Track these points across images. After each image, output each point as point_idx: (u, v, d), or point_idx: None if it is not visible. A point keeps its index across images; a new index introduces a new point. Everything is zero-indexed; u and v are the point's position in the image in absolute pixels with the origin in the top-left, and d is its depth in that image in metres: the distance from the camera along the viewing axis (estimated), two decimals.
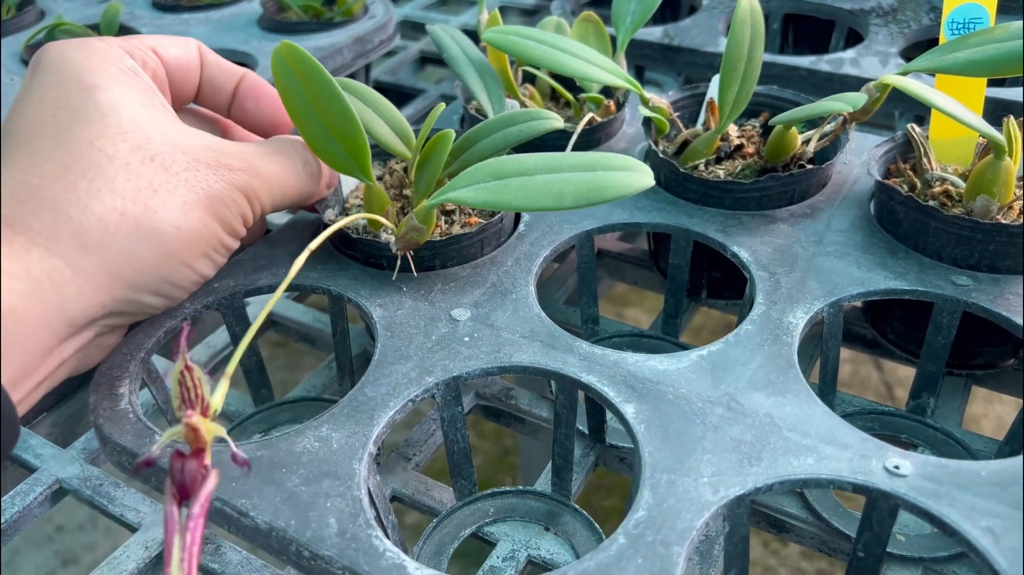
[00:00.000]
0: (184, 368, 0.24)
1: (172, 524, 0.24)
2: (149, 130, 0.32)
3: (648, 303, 1.29)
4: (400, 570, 0.26)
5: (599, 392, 0.32)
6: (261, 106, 0.39)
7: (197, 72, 0.39)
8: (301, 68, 0.35)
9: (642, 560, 0.26)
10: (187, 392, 0.25)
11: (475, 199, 0.33)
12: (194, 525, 0.23)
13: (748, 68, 0.41)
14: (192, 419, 0.24)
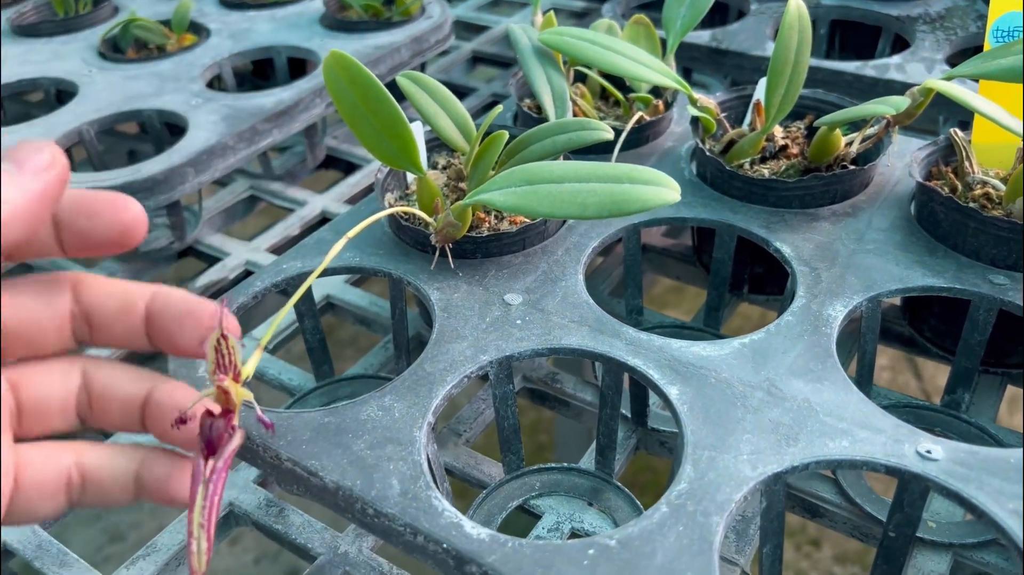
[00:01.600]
0: (220, 336, 0.26)
1: (198, 475, 0.26)
2: None
3: (686, 304, 1.30)
4: (458, 528, 0.28)
5: (644, 374, 0.34)
6: (100, 218, 0.28)
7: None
8: (349, 74, 0.37)
9: (683, 528, 0.28)
10: (221, 358, 0.27)
11: (504, 202, 0.35)
12: (217, 477, 0.26)
13: (795, 71, 0.42)
14: (224, 383, 0.26)
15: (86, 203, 0.28)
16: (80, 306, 0.29)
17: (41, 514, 0.29)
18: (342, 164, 0.66)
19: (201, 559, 0.25)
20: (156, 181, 0.48)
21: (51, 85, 0.61)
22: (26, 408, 0.28)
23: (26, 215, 0.25)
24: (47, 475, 0.28)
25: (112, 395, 0.29)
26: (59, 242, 0.28)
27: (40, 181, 0.26)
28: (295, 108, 0.55)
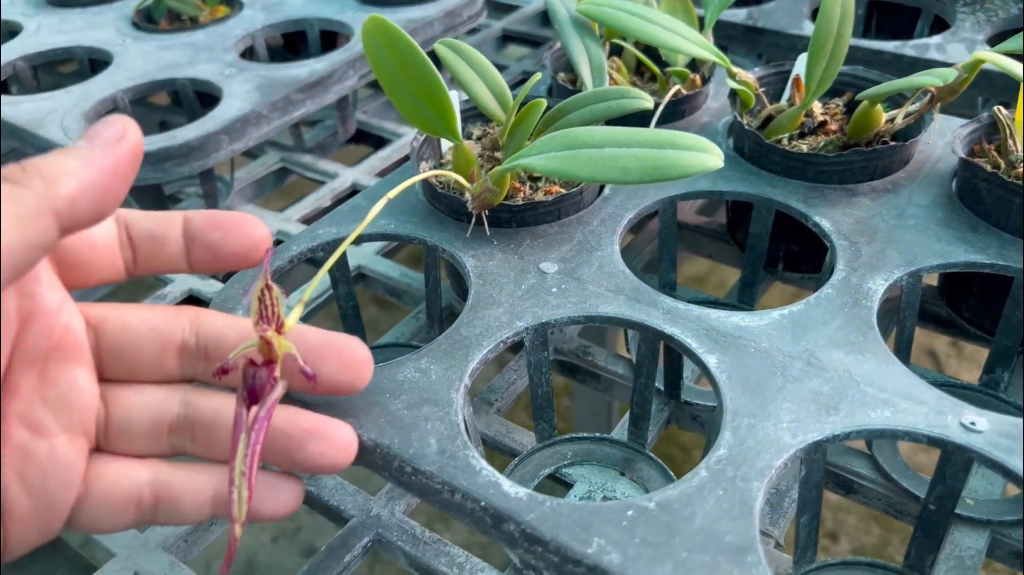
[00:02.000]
0: (264, 287, 0.26)
1: (240, 424, 0.26)
2: None
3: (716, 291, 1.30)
4: (495, 487, 0.28)
5: (682, 343, 0.33)
6: (231, 234, 0.30)
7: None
8: (389, 39, 0.37)
9: (723, 492, 0.27)
10: (265, 309, 0.27)
11: (544, 167, 0.35)
12: (258, 426, 0.26)
13: (836, 46, 0.42)
14: (267, 333, 0.26)
15: (218, 220, 0.30)
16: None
17: (105, 526, 0.29)
18: (372, 139, 0.66)
19: (242, 508, 0.25)
20: (191, 147, 0.48)
21: (85, 54, 0.62)
22: (112, 424, 0.29)
23: (96, 189, 0.25)
24: (118, 490, 0.29)
25: (221, 422, 0.29)
26: (187, 257, 0.30)
27: (110, 154, 0.26)
28: (328, 79, 0.55)
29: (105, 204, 0.26)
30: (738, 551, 0.26)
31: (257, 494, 0.29)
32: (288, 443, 0.28)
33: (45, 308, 0.27)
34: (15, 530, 0.27)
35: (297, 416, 0.28)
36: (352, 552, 0.34)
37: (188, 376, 0.30)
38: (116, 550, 0.35)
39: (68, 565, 0.36)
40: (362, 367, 0.29)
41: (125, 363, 0.29)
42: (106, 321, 0.29)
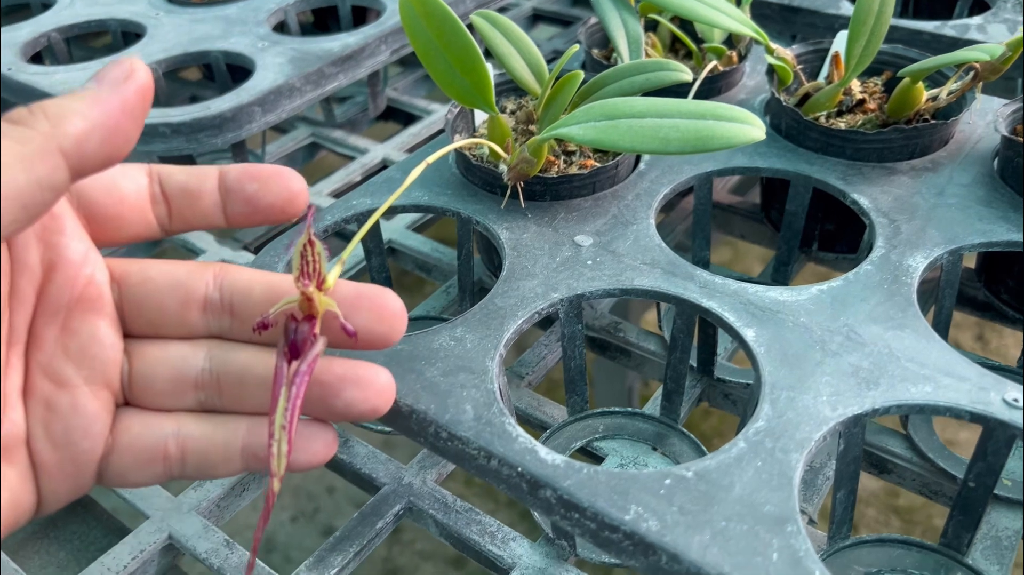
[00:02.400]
0: (307, 242, 0.26)
1: (280, 378, 0.26)
2: None
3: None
4: (532, 453, 0.28)
5: (719, 316, 0.33)
6: (269, 185, 0.30)
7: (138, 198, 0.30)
8: (426, 9, 0.37)
9: (761, 463, 0.27)
10: (306, 265, 0.26)
11: (583, 136, 0.34)
12: (300, 381, 0.26)
13: (877, 22, 0.41)
14: (308, 288, 0.26)
15: (254, 171, 0.30)
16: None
17: (134, 480, 0.29)
18: (402, 116, 0.66)
19: (281, 462, 0.25)
20: (225, 118, 0.48)
21: (118, 27, 0.62)
22: (136, 378, 0.29)
23: (104, 128, 0.25)
24: (143, 443, 0.29)
25: (249, 377, 0.29)
26: (224, 211, 0.30)
27: (118, 93, 0.25)
28: (361, 53, 0.55)
29: (115, 144, 0.26)
30: (777, 521, 0.25)
31: (292, 445, 0.28)
32: (324, 392, 0.28)
33: (69, 259, 0.27)
34: (46, 483, 0.28)
35: (331, 364, 0.28)
36: (384, 519, 0.34)
37: (214, 332, 0.30)
38: (150, 512, 0.35)
39: (102, 527, 0.37)
40: (396, 317, 0.28)
41: (147, 317, 0.29)
42: (129, 275, 0.29)
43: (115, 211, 0.29)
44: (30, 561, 0.35)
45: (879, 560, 0.32)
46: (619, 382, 1.04)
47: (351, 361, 0.28)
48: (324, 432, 0.29)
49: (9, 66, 0.55)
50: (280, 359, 0.26)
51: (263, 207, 0.30)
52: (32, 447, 0.27)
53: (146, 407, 0.29)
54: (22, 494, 0.27)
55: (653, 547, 0.25)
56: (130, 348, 0.29)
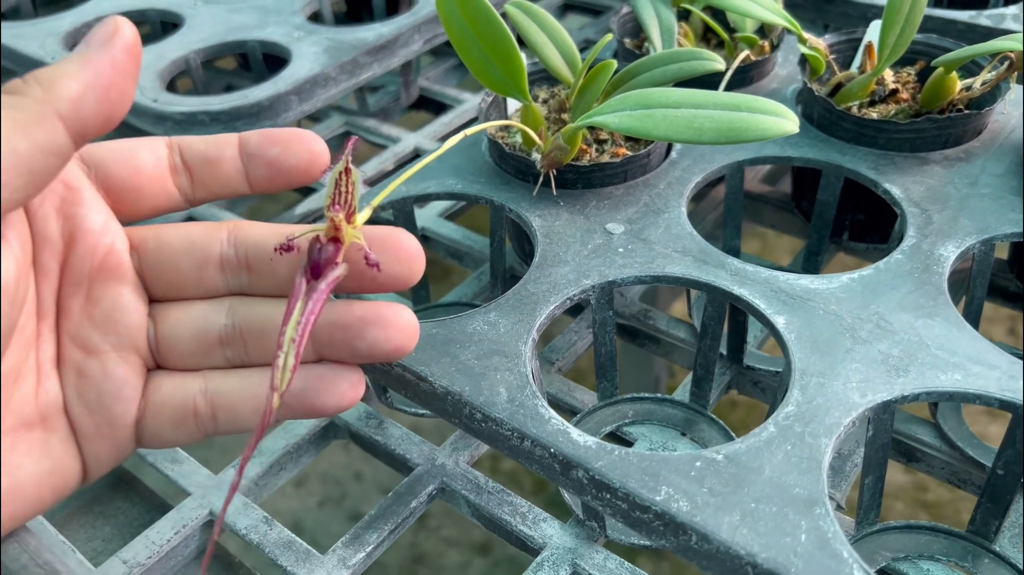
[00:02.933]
0: (344, 170, 0.26)
1: (298, 292, 0.26)
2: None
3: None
4: (564, 435, 0.29)
5: (750, 304, 0.33)
6: (290, 148, 0.30)
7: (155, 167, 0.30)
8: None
9: (791, 447, 0.28)
10: (339, 194, 0.26)
11: (618, 124, 0.35)
12: (317, 297, 0.26)
13: (912, 11, 0.41)
14: (338, 215, 0.26)
15: (274, 135, 0.30)
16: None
17: (169, 440, 0.30)
18: (433, 105, 0.67)
19: (285, 376, 0.25)
20: (262, 107, 0.49)
21: (158, 17, 0.63)
22: (162, 341, 0.30)
23: (97, 87, 0.25)
24: (173, 402, 0.29)
25: (271, 328, 0.29)
26: (246, 176, 0.30)
27: (106, 52, 0.26)
28: (394, 43, 0.55)
29: (110, 102, 0.26)
30: (806, 503, 0.26)
31: (316, 387, 0.28)
32: (347, 334, 0.28)
33: (88, 229, 0.28)
34: (88, 448, 0.29)
35: (351, 306, 0.28)
36: (418, 498, 0.35)
37: (233, 289, 0.30)
38: (191, 490, 0.36)
39: (144, 503, 0.38)
40: (412, 257, 0.28)
41: (167, 281, 0.30)
42: (146, 241, 0.30)
43: (132, 182, 0.29)
44: (76, 535, 0.37)
45: (906, 546, 0.32)
46: (647, 371, 1.05)
47: (372, 302, 0.28)
48: (350, 373, 0.29)
49: (53, 55, 0.56)
50: (300, 277, 0.26)
51: (286, 169, 0.30)
52: (70, 414, 0.28)
53: (175, 368, 0.30)
54: (66, 459, 0.28)
55: (684, 527, 0.26)
56: (155, 312, 0.30)
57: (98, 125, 0.26)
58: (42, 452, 0.28)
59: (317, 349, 0.29)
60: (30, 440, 0.27)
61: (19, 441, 0.27)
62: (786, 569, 0.24)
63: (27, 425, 0.27)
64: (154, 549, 0.34)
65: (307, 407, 0.29)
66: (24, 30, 0.60)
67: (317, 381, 0.29)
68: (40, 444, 0.28)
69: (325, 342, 0.28)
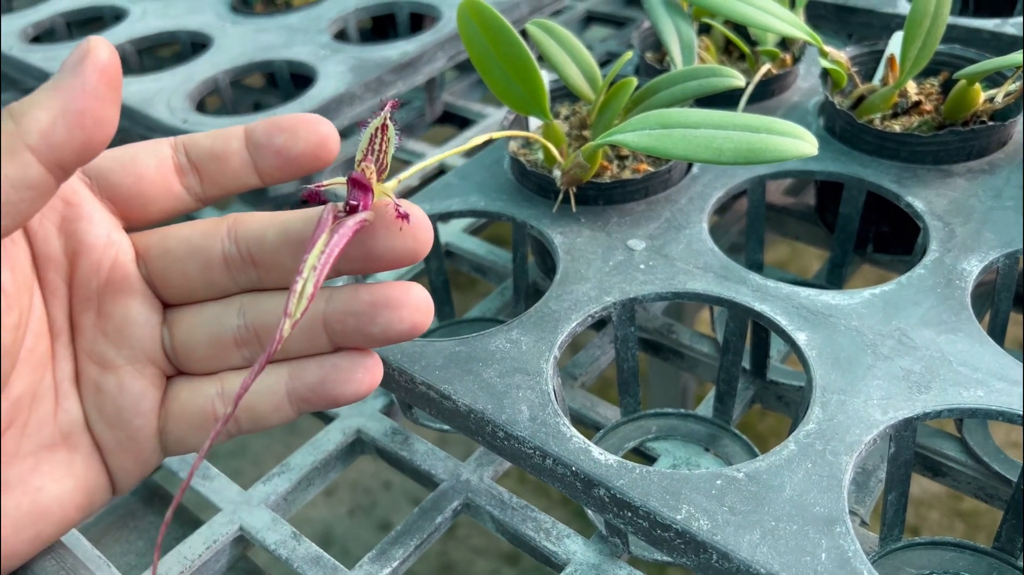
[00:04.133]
0: (381, 126, 0.26)
1: (324, 225, 0.25)
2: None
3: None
4: (586, 453, 0.29)
5: (771, 320, 0.34)
6: (298, 133, 0.28)
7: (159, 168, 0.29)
8: (482, 19, 0.38)
9: (812, 465, 0.28)
10: (373, 149, 0.26)
11: (637, 143, 0.35)
12: (343, 231, 0.25)
13: (934, 24, 0.41)
14: (370, 167, 0.26)
15: (280, 123, 0.28)
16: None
17: (193, 445, 0.30)
18: (457, 120, 0.67)
19: (301, 304, 0.24)
20: None
21: (188, 38, 0.64)
22: (178, 347, 0.30)
23: (68, 114, 0.24)
24: (191, 408, 0.29)
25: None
26: (255, 168, 0.29)
27: (77, 76, 0.24)
28: (419, 60, 0.56)
29: (86, 129, 0.24)
30: (827, 522, 0.26)
31: (332, 378, 0.28)
32: (359, 321, 0.27)
33: (91, 244, 0.28)
34: (113, 462, 0.29)
35: (356, 291, 0.28)
36: (443, 514, 0.35)
37: (243, 286, 0.30)
38: (222, 505, 0.37)
39: (177, 518, 0.39)
40: (419, 230, 0.27)
41: (176, 285, 0.29)
42: (151, 248, 0.29)
43: (136, 189, 0.29)
44: (111, 549, 0.37)
45: (931, 563, 0.32)
46: (673, 383, 1.05)
47: (379, 284, 0.28)
48: (365, 358, 0.29)
49: None
50: (328, 212, 0.25)
51: (295, 156, 0.28)
52: (92, 430, 0.29)
53: (195, 373, 0.30)
54: (91, 476, 0.29)
55: (704, 545, 0.26)
56: (169, 318, 0.30)
57: (75, 154, 0.24)
58: (65, 472, 0.28)
59: (332, 339, 0.29)
60: (53, 461, 0.28)
61: (41, 463, 0.28)
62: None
63: (49, 447, 0.28)
64: (186, 563, 0.35)
65: (326, 398, 0.29)
66: (59, 52, 0.62)
67: (333, 371, 0.29)
68: (63, 464, 0.28)
69: (338, 331, 0.28)
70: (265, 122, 0.29)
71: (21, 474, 0.27)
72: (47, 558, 0.30)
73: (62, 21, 0.70)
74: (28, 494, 0.27)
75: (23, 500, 0.27)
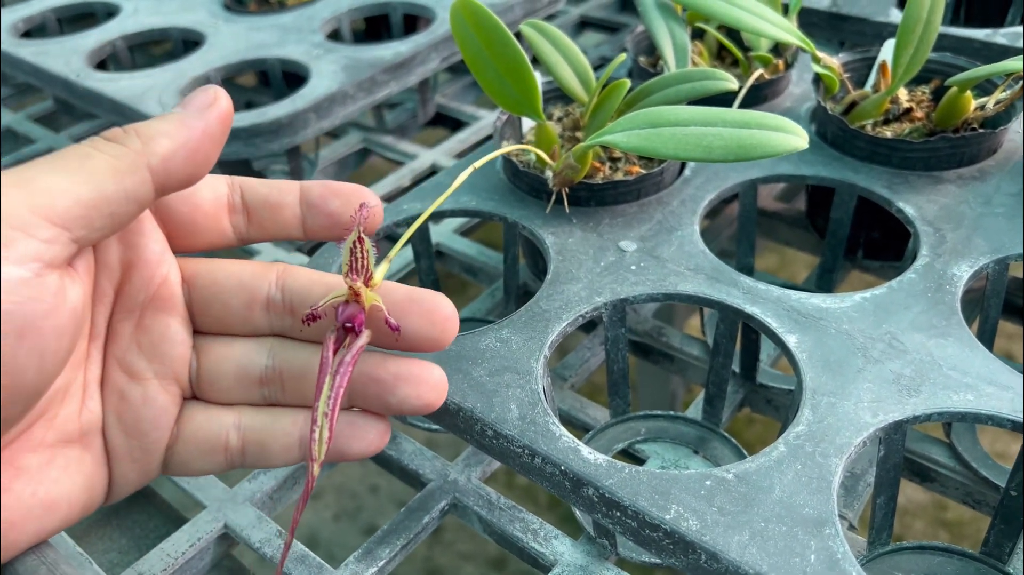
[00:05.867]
0: (356, 239, 0.27)
1: (326, 367, 0.27)
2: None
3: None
4: (575, 452, 0.29)
5: (762, 322, 0.34)
6: (351, 201, 0.31)
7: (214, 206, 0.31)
8: (476, 19, 0.38)
9: (801, 467, 0.28)
10: (355, 261, 0.28)
11: (627, 143, 0.35)
12: (344, 371, 0.27)
13: (926, 31, 0.41)
14: (356, 283, 0.28)
15: (336, 188, 0.31)
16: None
17: (196, 469, 0.31)
18: (450, 122, 0.67)
19: (322, 448, 0.27)
20: (280, 124, 0.50)
21: (180, 35, 0.64)
22: (204, 374, 0.31)
23: (187, 149, 0.27)
24: (205, 433, 0.30)
25: (310, 373, 0.30)
26: (303, 224, 0.31)
27: (202, 118, 0.28)
28: (412, 61, 0.56)
29: (196, 164, 0.28)
30: (816, 523, 0.26)
31: (346, 434, 0.30)
32: (380, 388, 0.29)
33: (146, 259, 0.29)
34: (117, 469, 0.30)
35: (385, 361, 0.29)
36: (430, 514, 0.35)
37: (276, 330, 0.31)
38: (207, 503, 0.37)
39: (161, 515, 0.38)
40: (447, 321, 0.29)
41: (215, 316, 0.31)
42: (198, 275, 0.31)
43: (190, 218, 0.31)
44: (94, 547, 0.37)
45: (919, 567, 0.32)
46: (662, 387, 1.05)
47: (405, 359, 0.29)
48: (378, 423, 0.30)
49: (77, 72, 0.57)
50: (325, 349, 0.27)
51: (343, 222, 0.31)
52: (106, 435, 0.29)
53: (212, 401, 0.31)
54: (96, 478, 0.29)
55: (693, 546, 0.26)
56: (199, 345, 0.31)
57: (180, 183, 0.28)
58: (76, 469, 0.28)
59: (349, 396, 0.30)
60: (67, 456, 0.28)
61: (58, 456, 0.28)
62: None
63: (67, 442, 0.28)
64: (169, 561, 0.34)
65: (335, 452, 0.30)
66: (49, 47, 0.62)
67: (347, 427, 0.30)
68: (76, 461, 0.28)
69: (359, 392, 0.30)
70: (322, 184, 0.31)
71: (41, 462, 0.27)
72: (29, 554, 0.30)
73: (53, 16, 0.70)
74: (44, 484, 0.27)
75: (39, 489, 0.27)
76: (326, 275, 0.31)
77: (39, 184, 0.24)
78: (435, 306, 0.29)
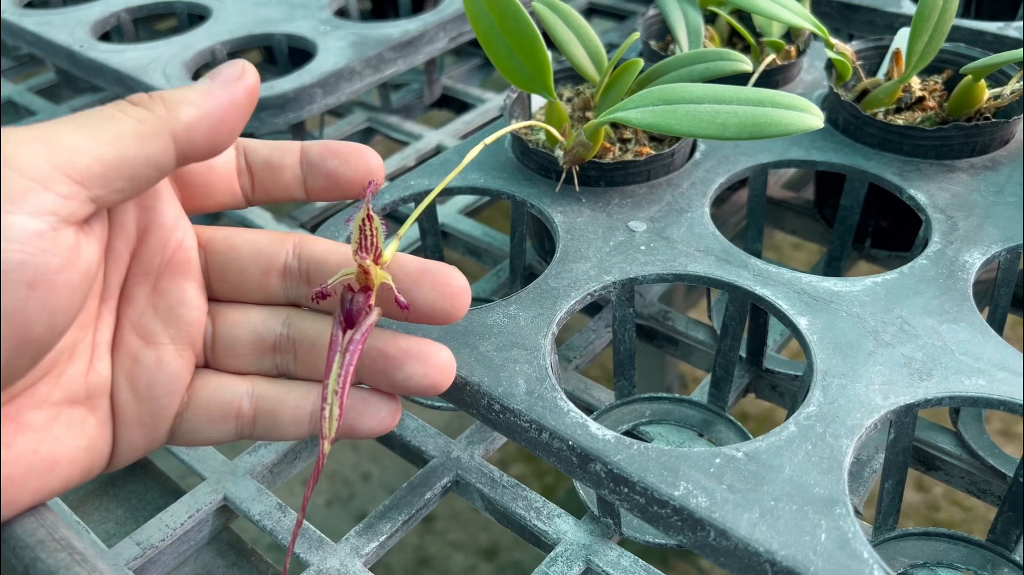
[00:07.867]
0: (366, 217, 0.27)
1: (335, 345, 0.27)
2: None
3: None
4: (583, 427, 0.28)
5: (772, 304, 0.33)
6: (349, 160, 0.31)
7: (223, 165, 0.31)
8: None
9: (812, 447, 0.27)
10: (364, 239, 0.27)
11: (640, 120, 0.35)
12: (353, 349, 0.27)
13: (941, 20, 0.41)
14: (365, 261, 0.27)
15: (334, 148, 0.31)
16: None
17: (205, 438, 0.30)
18: (455, 104, 0.67)
19: (332, 425, 0.27)
20: (287, 99, 0.49)
21: (185, 9, 0.64)
22: (219, 340, 0.31)
23: (212, 119, 0.27)
24: (218, 401, 0.30)
25: (322, 343, 0.30)
26: (304, 184, 0.31)
27: (228, 90, 0.27)
28: (420, 40, 0.56)
29: (220, 135, 0.27)
30: (827, 503, 0.26)
31: (357, 411, 0.30)
32: (387, 364, 0.29)
33: (162, 223, 0.29)
34: (123, 434, 0.29)
35: (396, 338, 0.29)
36: (432, 490, 0.35)
37: (292, 299, 0.31)
38: (206, 474, 0.36)
39: (159, 487, 0.38)
40: (459, 294, 0.29)
41: (231, 283, 0.31)
42: (215, 242, 0.31)
43: (205, 179, 0.31)
44: (90, 517, 0.37)
45: (924, 553, 0.32)
46: (657, 378, 1.04)
47: (416, 337, 0.29)
48: (389, 401, 0.30)
49: (82, 43, 0.57)
50: (335, 327, 0.27)
51: (343, 182, 0.31)
52: (115, 398, 0.29)
53: (225, 369, 0.31)
54: (99, 441, 0.28)
55: (702, 523, 0.26)
56: (214, 311, 0.31)
57: (203, 152, 0.27)
58: (80, 430, 0.28)
59: (358, 373, 0.30)
60: (71, 416, 0.28)
61: (62, 414, 0.28)
62: (805, 568, 0.24)
63: (72, 402, 0.28)
64: (167, 532, 0.34)
65: (346, 429, 0.30)
66: (53, 18, 0.61)
67: (361, 403, 0.30)
68: (79, 422, 0.28)
69: (367, 367, 0.29)
70: (320, 144, 0.31)
71: (45, 420, 0.27)
72: (28, 516, 0.29)
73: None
74: (47, 441, 0.27)
75: (41, 446, 0.27)
76: (343, 246, 0.31)
77: (62, 141, 0.24)
78: (448, 279, 0.29)
